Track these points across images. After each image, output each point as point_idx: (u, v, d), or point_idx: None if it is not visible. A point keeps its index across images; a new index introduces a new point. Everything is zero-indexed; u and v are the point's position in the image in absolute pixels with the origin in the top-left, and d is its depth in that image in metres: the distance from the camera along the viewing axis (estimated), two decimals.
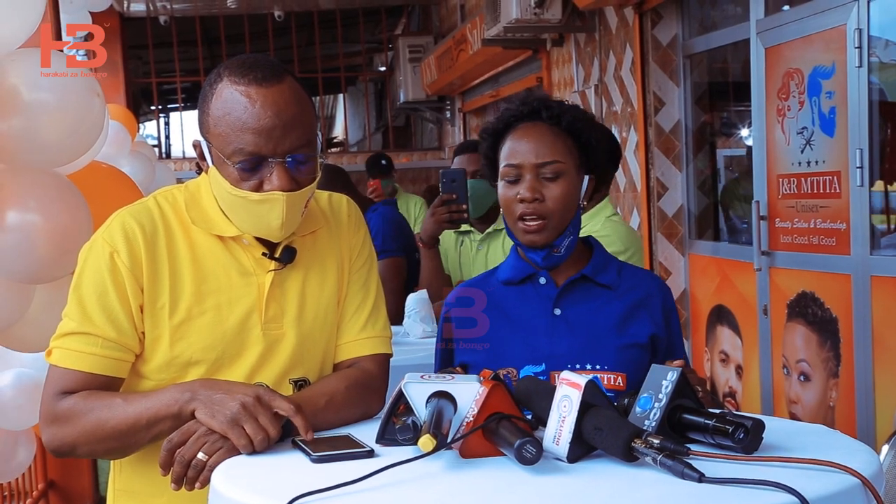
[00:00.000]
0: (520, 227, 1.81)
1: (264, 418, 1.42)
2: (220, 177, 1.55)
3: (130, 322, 1.55)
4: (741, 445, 1.28)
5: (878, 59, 3.62)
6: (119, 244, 1.55)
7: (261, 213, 1.55)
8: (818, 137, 3.74)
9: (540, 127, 1.82)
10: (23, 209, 2.49)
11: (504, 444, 1.30)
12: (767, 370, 4.17)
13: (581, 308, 1.83)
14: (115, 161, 3.74)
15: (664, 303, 1.87)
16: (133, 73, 11.69)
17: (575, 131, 1.83)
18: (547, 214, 1.79)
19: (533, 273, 1.86)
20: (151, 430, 1.49)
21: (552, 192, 1.79)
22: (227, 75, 1.53)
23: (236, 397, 1.44)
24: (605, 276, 1.86)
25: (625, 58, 5.41)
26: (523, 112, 1.84)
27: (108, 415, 1.50)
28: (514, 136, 1.83)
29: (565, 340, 1.80)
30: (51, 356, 1.56)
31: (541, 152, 1.80)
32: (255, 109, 1.50)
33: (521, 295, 1.86)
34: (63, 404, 1.52)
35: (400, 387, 1.42)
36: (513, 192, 1.81)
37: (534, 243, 1.81)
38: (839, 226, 3.62)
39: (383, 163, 6.66)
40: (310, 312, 1.65)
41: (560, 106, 1.84)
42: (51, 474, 4.54)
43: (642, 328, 1.83)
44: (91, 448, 1.54)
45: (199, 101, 1.58)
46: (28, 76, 2.48)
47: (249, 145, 1.51)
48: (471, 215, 3.22)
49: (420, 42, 10.57)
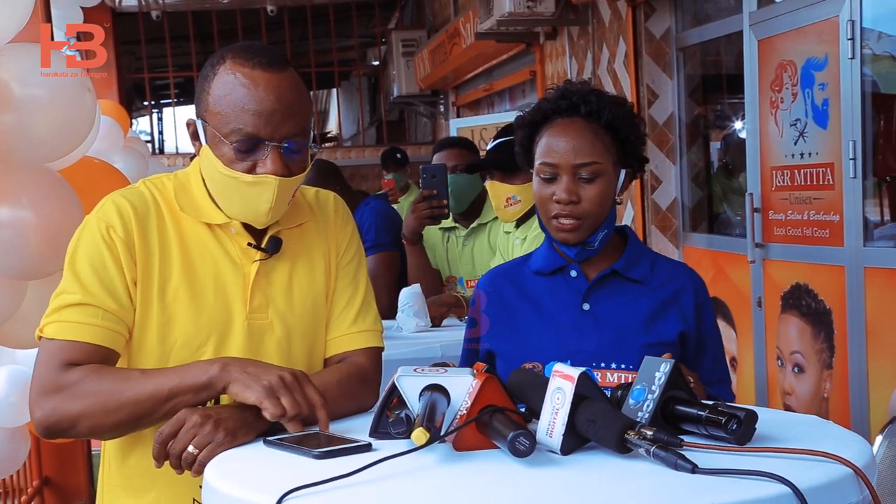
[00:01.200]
0: (554, 224, 1.79)
1: (300, 396, 1.43)
2: (213, 156, 1.56)
3: (127, 295, 1.55)
4: (734, 436, 1.28)
5: (870, 51, 3.62)
6: (114, 219, 1.56)
7: (251, 196, 1.55)
8: (811, 129, 3.74)
9: (578, 124, 1.78)
10: (14, 205, 2.49)
11: (497, 436, 1.29)
12: (762, 362, 4.18)
13: (610, 304, 1.81)
14: (107, 157, 3.72)
15: (696, 297, 1.84)
16: (125, 68, 11.65)
17: (614, 128, 1.79)
18: (582, 216, 1.77)
19: (564, 265, 1.84)
20: (171, 401, 1.46)
21: (589, 193, 1.77)
22: (232, 57, 1.55)
23: (273, 370, 1.44)
24: (636, 270, 1.83)
25: (618, 51, 5.40)
26: (561, 106, 1.80)
27: (124, 385, 1.48)
28: (551, 132, 1.79)
29: (593, 337, 1.78)
30: (45, 331, 1.53)
31: (579, 153, 1.76)
32: (257, 92, 1.52)
33: (551, 286, 1.85)
34: (70, 375, 1.49)
35: (393, 380, 1.42)
36: (549, 191, 1.78)
37: (567, 241, 1.80)
38: (833, 217, 3.62)
39: (398, 156, 6.57)
40: (297, 304, 1.65)
41: (599, 100, 1.79)
42: (46, 471, 4.53)
43: (671, 325, 1.80)
44: (96, 421, 1.49)
45: (200, 81, 1.59)
46: (19, 72, 2.47)
47: (248, 126, 1.52)
48: (452, 210, 3.24)
49: (413, 36, 10.55)
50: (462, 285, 3.37)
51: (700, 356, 1.85)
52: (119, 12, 10.86)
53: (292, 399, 1.41)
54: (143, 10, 11.05)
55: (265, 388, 1.41)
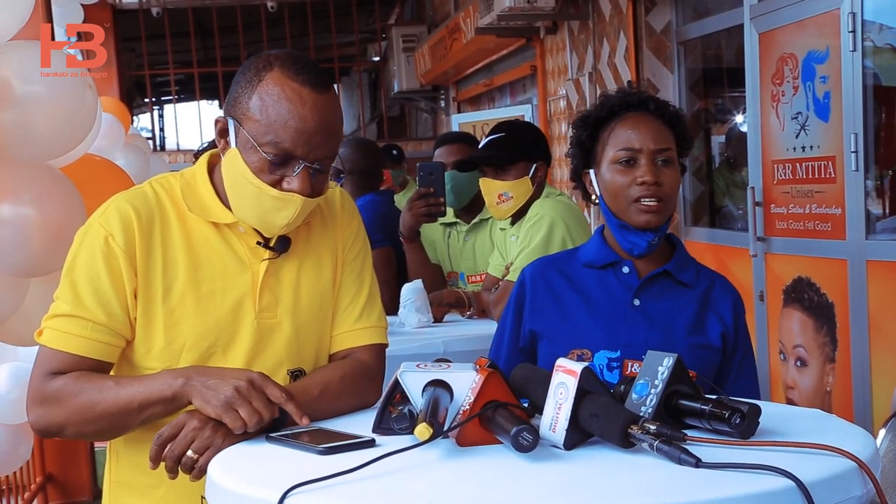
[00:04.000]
0: (637, 207, 1.83)
1: (258, 402, 1.43)
2: (241, 160, 1.55)
3: (123, 307, 1.55)
4: (738, 430, 1.28)
5: (872, 44, 3.61)
6: (115, 228, 1.56)
7: (271, 208, 1.55)
8: (813, 122, 3.73)
9: (649, 117, 1.87)
10: (16, 203, 2.49)
11: (501, 431, 1.29)
12: (764, 356, 4.18)
13: (660, 302, 1.85)
14: (108, 154, 3.72)
15: (735, 308, 1.90)
16: (126, 65, 11.64)
17: (675, 125, 1.89)
18: (665, 198, 1.83)
19: (617, 260, 1.89)
20: (142, 413, 1.49)
21: (668, 177, 1.84)
22: (280, 67, 1.54)
23: (230, 382, 1.44)
24: (685, 274, 1.89)
25: (618, 45, 5.40)
26: (631, 101, 1.88)
27: (98, 397, 1.50)
28: (624, 125, 1.87)
29: (642, 331, 1.82)
30: (41, 336, 1.56)
31: (657, 139, 1.84)
32: (303, 110, 1.52)
33: (601, 280, 1.89)
34: (52, 385, 1.53)
35: (396, 376, 1.42)
36: (629, 176, 1.83)
37: (650, 224, 1.83)
38: (834, 211, 3.62)
39: (394, 153, 6.59)
40: (305, 302, 1.65)
41: (660, 100, 1.91)
42: (49, 467, 4.54)
43: (714, 330, 1.86)
44: (79, 429, 1.54)
45: (240, 81, 1.57)
46: (20, 70, 2.47)
47: (286, 142, 1.52)
48: (452, 206, 3.25)
49: (413, 32, 10.55)
50: (463, 281, 3.37)
51: (735, 369, 1.89)
52: (119, 9, 10.85)
53: (250, 409, 1.42)
54: (144, 7, 11.04)
55: (223, 402, 1.42)
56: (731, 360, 1.89)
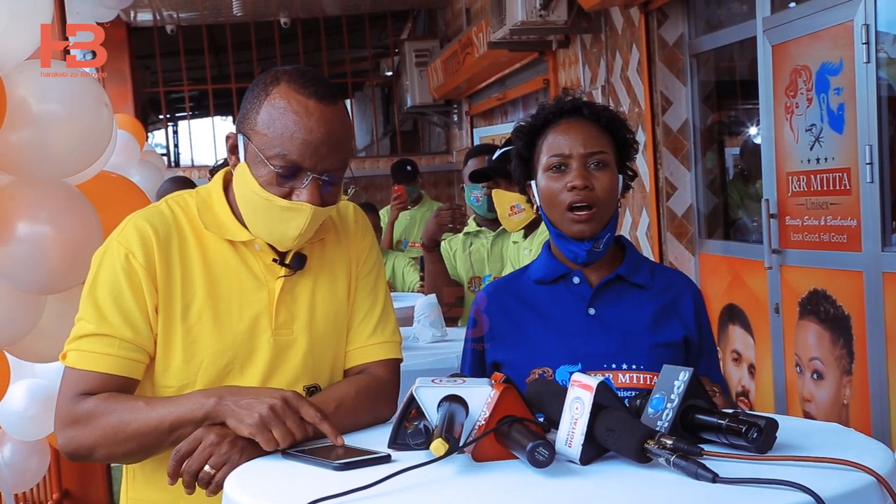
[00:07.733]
0: (569, 217, 1.82)
1: (292, 422, 1.43)
2: (251, 175, 1.56)
3: (146, 323, 1.56)
4: (755, 445, 1.28)
5: (885, 55, 3.60)
6: (134, 245, 1.56)
7: (282, 220, 1.56)
8: (827, 134, 3.72)
9: (582, 122, 1.86)
10: (33, 220, 2.50)
11: (516, 446, 1.29)
12: (780, 369, 4.15)
13: (615, 308, 1.84)
14: (124, 170, 3.75)
15: (695, 303, 1.89)
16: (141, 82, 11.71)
17: (613, 129, 1.87)
18: (596, 202, 1.81)
19: (566, 272, 1.87)
20: (173, 434, 1.49)
21: (600, 181, 1.82)
22: (287, 81, 1.55)
23: (264, 401, 1.44)
24: (638, 276, 1.87)
25: (631, 58, 5.40)
26: (564, 108, 1.88)
27: (129, 417, 1.50)
28: (557, 130, 1.86)
29: (601, 340, 1.81)
30: (66, 359, 1.56)
31: (588, 143, 1.83)
32: (309, 122, 1.53)
33: (553, 294, 1.87)
34: (83, 406, 1.52)
35: (411, 391, 1.42)
36: (560, 182, 1.83)
37: (583, 233, 1.82)
38: (850, 223, 3.60)
39: (408, 168, 6.60)
40: (320, 318, 1.66)
41: (596, 105, 1.90)
42: (65, 483, 4.55)
43: (675, 328, 1.84)
44: (110, 451, 1.53)
45: (249, 97, 1.58)
46: (37, 88, 2.49)
47: (293, 154, 1.53)
48: (484, 215, 3.35)
49: (426, 46, 10.57)
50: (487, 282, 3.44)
51: (698, 362, 1.87)
52: (134, 27, 10.93)
53: (284, 429, 1.42)
54: (158, 25, 11.11)
55: (257, 422, 1.42)
56: (699, 357, 1.86)
